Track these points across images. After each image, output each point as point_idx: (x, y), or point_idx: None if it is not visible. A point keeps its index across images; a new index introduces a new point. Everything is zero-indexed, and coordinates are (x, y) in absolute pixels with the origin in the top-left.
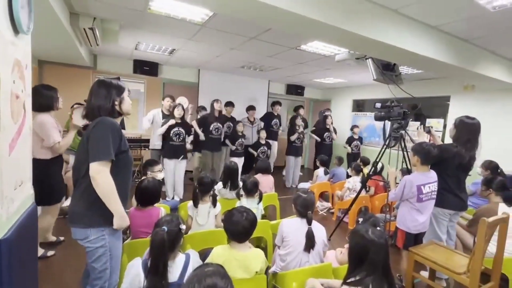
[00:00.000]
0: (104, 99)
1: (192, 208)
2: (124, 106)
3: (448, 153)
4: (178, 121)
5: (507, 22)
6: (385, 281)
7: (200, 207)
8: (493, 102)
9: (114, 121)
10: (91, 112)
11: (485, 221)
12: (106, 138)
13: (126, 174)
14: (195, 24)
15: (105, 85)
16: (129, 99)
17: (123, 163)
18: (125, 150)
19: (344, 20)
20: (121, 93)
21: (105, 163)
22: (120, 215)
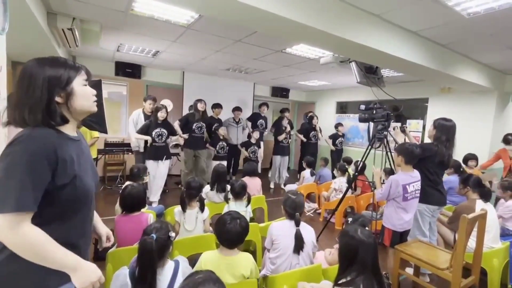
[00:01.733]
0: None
1: (179, 214)
2: (75, 102)
3: (430, 152)
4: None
5: (480, 28)
6: (375, 280)
7: (187, 212)
8: (467, 104)
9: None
10: (13, 118)
11: (466, 218)
12: (15, 173)
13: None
14: (180, 26)
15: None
16: (85, 90)
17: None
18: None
19: (329, 24)
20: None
21: (15, 214)
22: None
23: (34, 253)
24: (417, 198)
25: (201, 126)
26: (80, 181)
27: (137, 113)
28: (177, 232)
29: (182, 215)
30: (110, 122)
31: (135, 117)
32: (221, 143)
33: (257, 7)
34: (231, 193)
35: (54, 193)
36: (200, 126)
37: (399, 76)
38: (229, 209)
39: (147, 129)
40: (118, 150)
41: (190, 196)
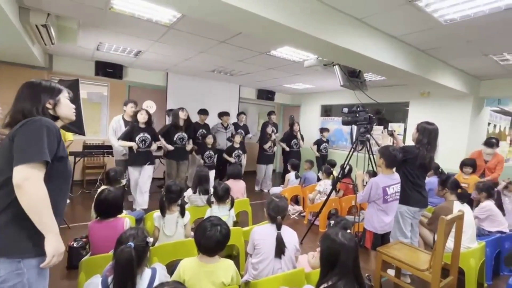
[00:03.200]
0: (31, 101)
1: (158, 219)
2: (60, 109)
3: (411, 154)
4: (142, 126)
5: (457, 35)
6: (356, 283)
7: (167, 217)
8: (445, 108)
9: (51, 120)
10: (14, 117)
11: (444, 219)
12: (39, 136)
13: (60, 188)
14: (162, 25)
15: (32, 87)
16: (68, 102)
17: (59, 172)
18: (63, 157)
19: (313, 27)
20: (55, 95)
21: (38, 165)
22: (56, 236)
23: (38, 206)
24: (397, 200)
25: (182, 137)
26: (69, 162)
27: (116, 120)
28: (156, 237)
29: (161, 220)
30: (90, 124)
31: (115, 124)
32: (208, 152)
33: (240, 7)
34: (214, 197)
35: (54, 164)
36: (181, 137)
37: (381, 80)
38: (211, 213)
39: (131, 134)
40: (97, 153)
41: (170, 200)
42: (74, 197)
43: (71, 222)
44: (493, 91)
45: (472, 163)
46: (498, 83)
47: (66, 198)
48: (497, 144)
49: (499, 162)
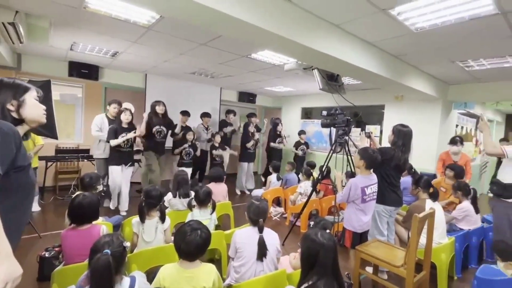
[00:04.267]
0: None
1: (137, 224)
2: (26, 111)
3: (387, 156)
4: (125, 126)
5: (426, 42)
6: (336, 282)
7: (146, 223)
8: (417, 110)
9: (8, 123)
10: None
11: (417, 217)
12: None
13: (21, 202)
14: (140, 26)
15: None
16: (37, 103)
17: (19, 184)
18: (23, 167)
19: (292, 32)
20: (19, 95)
21: None
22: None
23: None
24: (375, 199)
25: (161, 130)
26: (30, 171)
27: (100, 117)
28: (135, 244)
29: (140, 226)
30: (64, 126)
31: (99, 121)
32: (187, 149)
33: (220, 10)
34: (195, 200)
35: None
36: (160, 130)
37: (358, 84)
38: (192, 217)
39: (115, 133)
40: (71, 157)
41: (149, 206)
42: (46, 204)
43: (43, 231)
44: (460, 95)
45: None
46: (464, 88)
47: (28, 212)
48: (461, 142)
49: (467, 163)
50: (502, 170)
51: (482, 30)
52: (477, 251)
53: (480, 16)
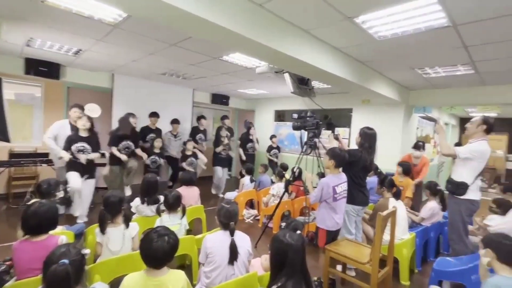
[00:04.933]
0: None
1: (100, 234)
2: None
3: (355, 157)
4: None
5: (389, 50)
6: (304, 282)
7: (110, 231)
8: (382, 114)
9: None
10: None
11: (381, 215)
12: None
13: None
14: (106, 24)
15: None
16: None
17: None
18: None
19: (262, 35)
20: None
21: None
22: None
23: None
24: (345, 198)
25: (128, 146)
26: None
27: (60, 124)
28: (98, 253)
29: (104, 235)
30: (19, 128)
31: (56, 128)
32: (153, 156)
33: (186, 10)
34: (164, 205)
35: None
36: (127, 146)
37: (327, 88)
38: (161, 222)
39: (68, 144)
40: (28, 162)
41: (112, 213)
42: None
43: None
44: (420, 100)
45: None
46: (423, 93)
47: None
48: (423, 147)
49: (424, 165)
50: (455, 170)
51: (436, 41)
52: (435, 245)
53: (434, 27)
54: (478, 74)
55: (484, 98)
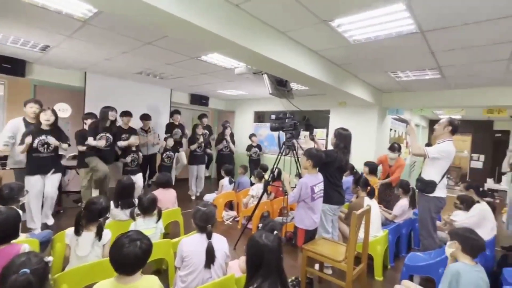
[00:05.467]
0: None
1: (71, 236)
2: None
3: (331, 158)
4: (46, 128)
5: (363, 53)
6: (279, 283)
7: (82, 236)
8: (358, 115)
9: None
10: None
11: (355, 214)
12: None
13: None
14: (75, 19)
15: None
16: None
17: None
18: None
19: (239, 36)
20: None
21: None
22: None
23: None
24: (322, 198)
25: (107, 139)
26: None
27: (15, 122)
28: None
29: (74, 238)
30: None
31: (9, 127)
32: (133, 154)
33: (160, 8)
34: (138, 209)
35: None
36: (107, 138)
37: (305, 90)
38: (136, 226)
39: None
40: None
41: (89, 219)
42: None
43: None
44: (393, 102)
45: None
46: (395, 96)
47: None
48: (398, 149)
49: (398, 167)
50: (424, 169)
51: (406, 46)
52: (406, 241)
53: (404, 33)
54: (444, 79)
55: (450, 101)
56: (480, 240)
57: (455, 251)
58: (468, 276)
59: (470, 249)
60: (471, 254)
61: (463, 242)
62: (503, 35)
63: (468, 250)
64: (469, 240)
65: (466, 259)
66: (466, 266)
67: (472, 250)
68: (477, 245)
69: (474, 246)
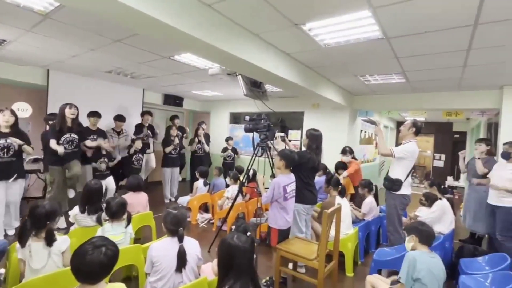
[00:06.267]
0: None
1: (22, 249)
2: None
3: (304, 159)
4: (5, 130)
5: (334, 57)
6: (251, 283)
7: (33, 246)
8: (331, 117)
9: None
10: None
11: (326, 213)
12: None
13: None
14: (35, 12)
15: None
16: None
17: None
18: None
19: (212, 36)
20: None
21: None
22: None
23: None
24: (294, 197)
25: (72, 139)
26: None
27: None
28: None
29: (26, 250)
30: None
31: None
32: (102, 158)
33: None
34: (106, 213)
35: None
36: (71, 139)
37: (280, 92)
38: (103, 232)
39: None
40: None
41: (36, 226)
42: None
43: None
44: (363, 105)
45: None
46: (365, 98)
47: None
48: (350, 152)
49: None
50: (391, 168)
51: (374, 51)
52: (375, 237)
53: (371, 38)
54: (408, 83)
55: (414, 104)
56: (430, 230)
57: (414, 244)
58: (422, 261)
59: (426, 239)
60: (427, 243)
61: (419, 234)
62: (459, 44)
63: (424, 240)
64: (423, 231)
65: (423, 248)
66: (421, 253)
67: (427, 240)
68: (429, 234)
69: (428, 235)
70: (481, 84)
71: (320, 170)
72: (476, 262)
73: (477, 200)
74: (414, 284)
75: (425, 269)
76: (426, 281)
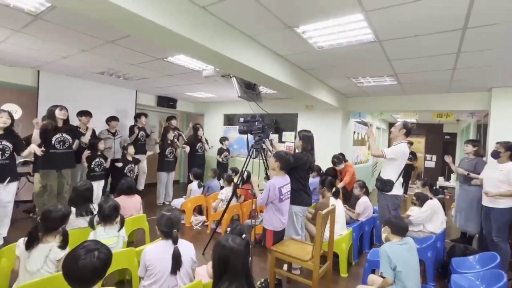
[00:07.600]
0: None
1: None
2: None
3: (301, 161)
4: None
5: (327, 59)
6: (246, 286)
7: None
8: (324, 119)
9: None
10: None
11: (321, 214)
12: None
13: None
14: (25, 13)
15: None
16: None
17: None
18: None
19: (206, 38)
20: None
21: None
22: None
23: None
24: (289, 199)
25: (64, 139)
26: None
27: None
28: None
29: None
30: None
31: None
32: (98, 159)
33: (120, 5)
34: (99, 217)
35: None
36: (62, 139)
37: (274, 93)
38: (95, 236)
39: None
40: None
41: (47, 230)
42: None
43: None
44: (356, 106)
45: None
46: (358, 100)
47: None
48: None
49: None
50: (383, 169)
51: (366, 53)
52: (369, 238)
53: (364, 41)
54: (400, 85)
55: (405, 105)
56: (402, 222)
57: (388, 235)
58: (393, 252)
59: (397, 230)
60: (399, 234)
61: (391, 226)
62: (449, 47)
63: (396, 231)
64: (394, 224)
65: (395, 239)
66: (390, 244)
67: (399, 231)
68: (401, 226)
69: (399, 227)
70: (470, 86)
71: (315, 171)
72: (467, 261)
73: (468, 200)
74: (396, 274)
75: (396, 257)
76: (400, 268)
